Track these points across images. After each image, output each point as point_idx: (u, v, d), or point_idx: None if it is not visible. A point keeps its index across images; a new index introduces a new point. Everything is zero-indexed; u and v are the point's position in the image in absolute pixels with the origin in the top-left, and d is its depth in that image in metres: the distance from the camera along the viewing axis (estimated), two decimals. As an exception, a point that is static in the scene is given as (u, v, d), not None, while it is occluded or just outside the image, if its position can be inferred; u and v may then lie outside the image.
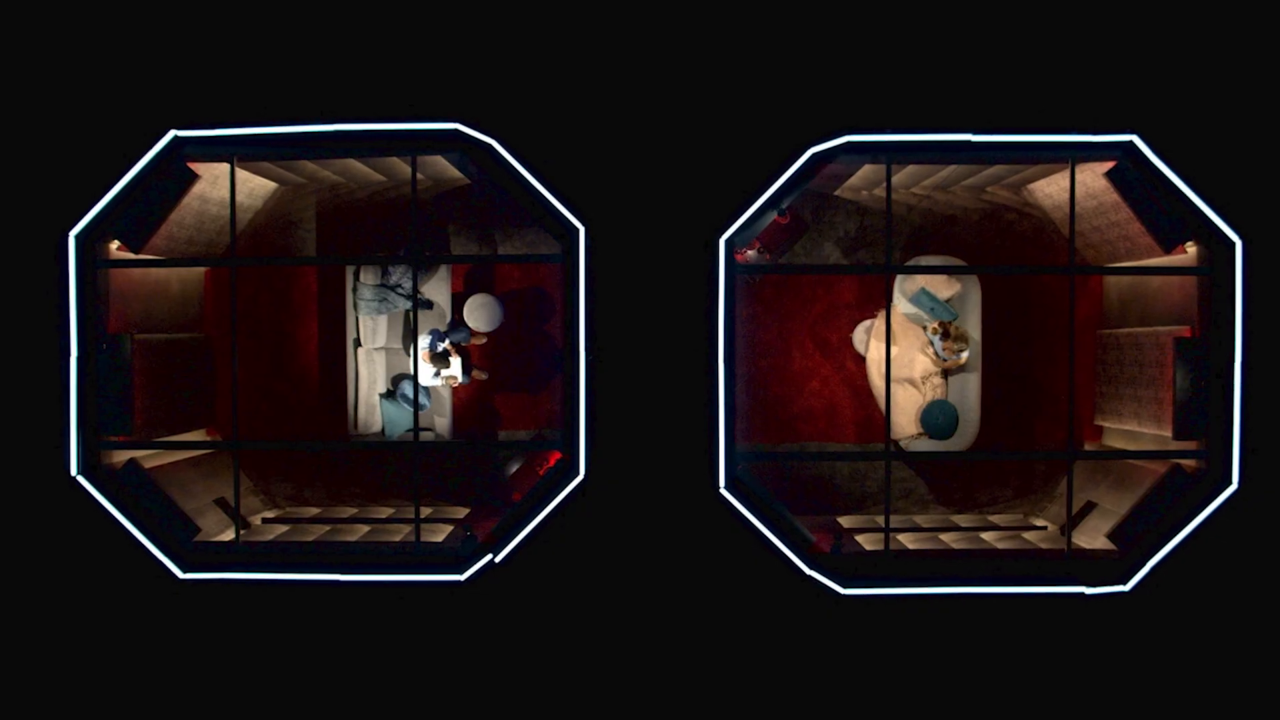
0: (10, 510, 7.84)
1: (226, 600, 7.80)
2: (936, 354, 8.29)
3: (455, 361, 8.55)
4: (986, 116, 7.53)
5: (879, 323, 8.52)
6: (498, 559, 7.20)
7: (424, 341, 8.42)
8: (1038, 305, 8.73)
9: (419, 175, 7.77)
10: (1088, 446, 8.41)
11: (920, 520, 8.56)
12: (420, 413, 8.18)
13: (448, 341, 8.54)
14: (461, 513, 8.48)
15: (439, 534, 7.77)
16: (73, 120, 7.80)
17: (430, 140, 7.14)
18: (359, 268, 8.60)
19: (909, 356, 8.43)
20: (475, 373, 8.89)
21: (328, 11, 7.92)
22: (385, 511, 8.59)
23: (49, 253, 7.07)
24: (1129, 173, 7.04)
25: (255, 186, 8.26)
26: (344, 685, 7.94)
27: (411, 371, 8.21)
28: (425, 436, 8.75)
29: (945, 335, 8.17)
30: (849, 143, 6.97)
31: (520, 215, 8.75)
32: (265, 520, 8.32)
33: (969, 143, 6.98)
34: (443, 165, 7.86)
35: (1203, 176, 6.92)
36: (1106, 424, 8.21)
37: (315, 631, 7.93)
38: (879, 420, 8.75)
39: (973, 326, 8.55)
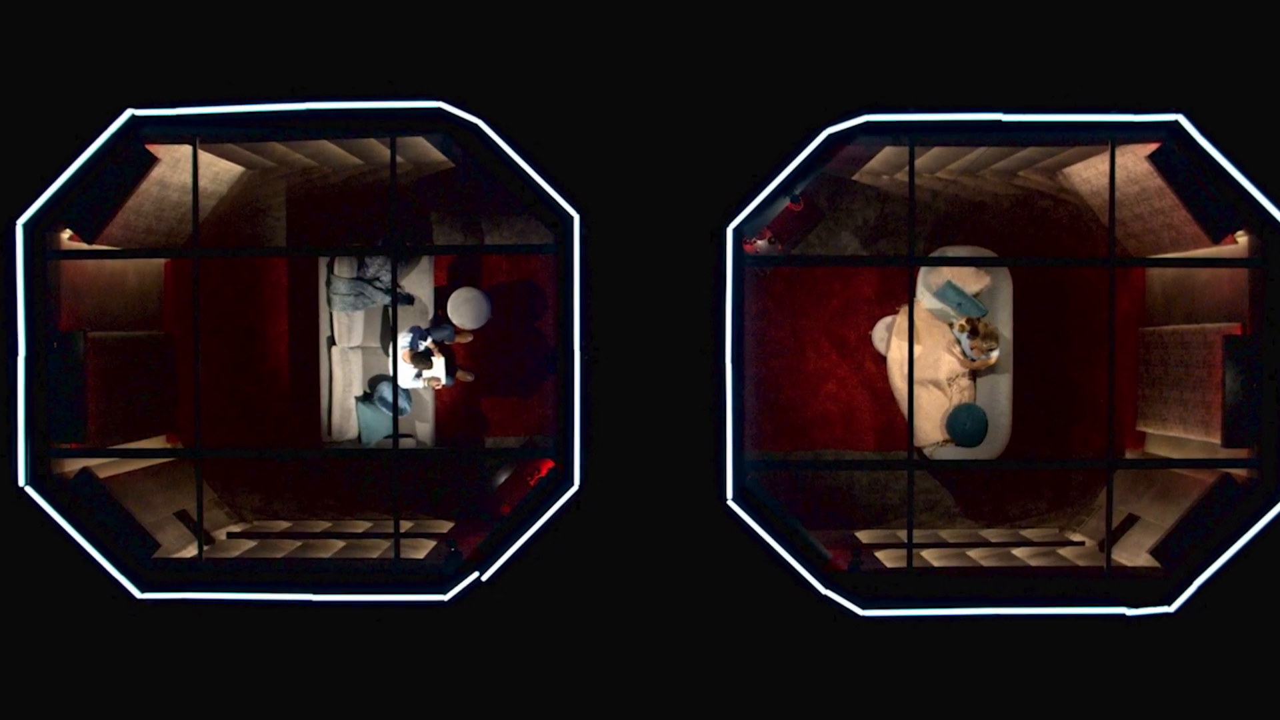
0: (-48, 524, 7.84)
1: (188, 622, 7.81)
2: (964, 353, 8.29)
3: (438, 362, 8.55)
4: (1018, 94, 7.53)
5: (901, 319, 8.52)
6: (485, 577, 7.20)
7: (404, 340, 8.42)
8: (1074, 300, 8.74)
9: (399, 158, 7.77)
10: (1129, 455, 8.41)
11: (946, 535, 8.56)
12: (400, 418, 8.18)
13: (430, 340, 8.54)
14: (445, 527, 8.48)
15: (420, 550, 7.77)
16: (20, 98, 7.79)
17: (411, 120, 7.14)
18: (333, 259, 8.60)
19: (934, 356, 8.43)
20: (460, 374, 8.89)
21: (299, -21, 7.94)
22: (362, 526, 8.60)
23: (-6, 243, 7.08)
24: (1174, 156, 7.04)
25: (220, 171, 8.26)
26: (317, 715, 7.94)
27: (390, 373, 8.22)
28: (405, 443, 8.75)
29: (973, 333, 8.17)
30: (868, 123, 6.97)
31: (509, 202, 8.75)
32: (231, 535, 8.32)
33: (999, 123, 6.98)
34: (425, 147, 7.86)
35: (1254, 160, 6.92)
36: (1149, 430, 8.22)
37: (286, 657, 7.93)
38: (901, 426, 8.75)
39: (1003, 323, 8.55)
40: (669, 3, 7.98)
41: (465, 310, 8.63)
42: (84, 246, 7.37)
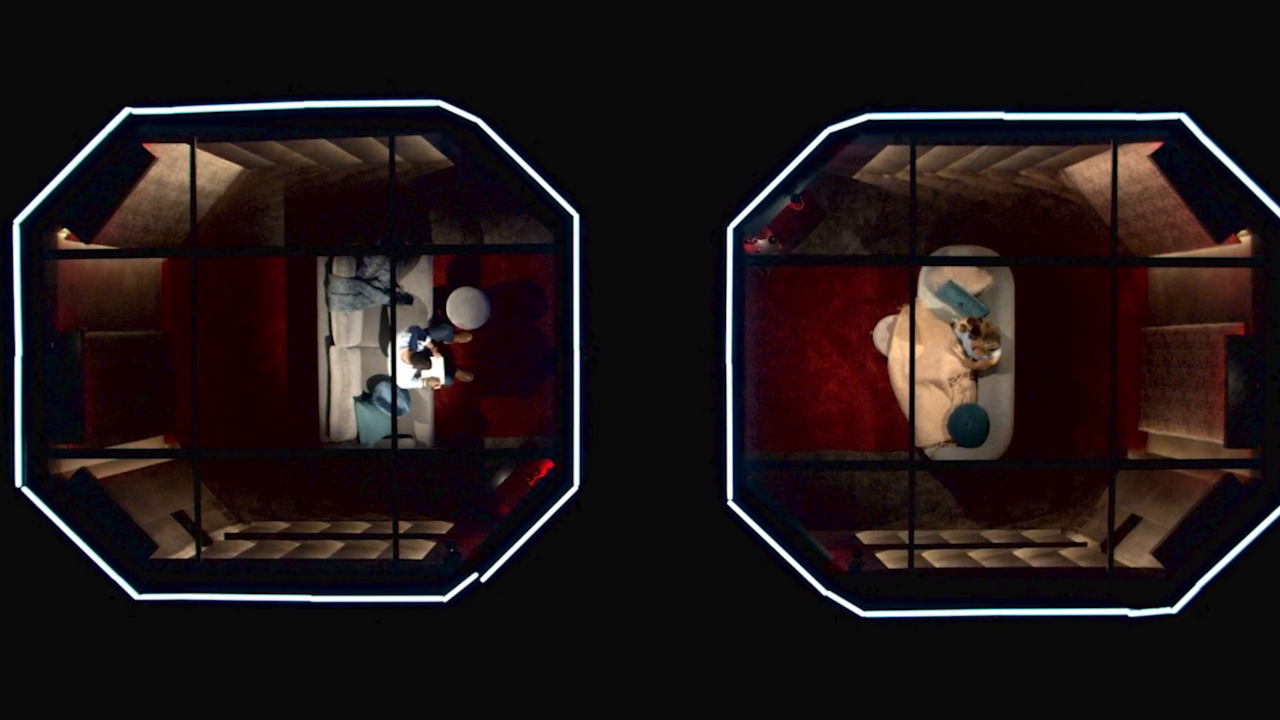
0: (-51, 525, 7.84)
1: (186, 624, 7.80)
2: (965, 353, 8.30)
3: (437, 362, 8.55)
4: (1020, 93, 7.53)
5: (902, 319, 8.52)
6: (484, 578, 7.20)
7: (403, 340, 8.42)
8: (1076, 300, 8.74)
9: (398, 157, 7.77)
10: (1131, 455, 8.41)
11: (948, 536, 8.56)
12: (399, 418, 8.18)
13: (429, 340, 8.54)
14: (444, 527, 8.48)
15: (419, 551, 7.77)
16: (17, 97, 7.79)
17: (410, 119, 7.14)
18: (331, 259, 8.61)
19: (935, 356, 8.43)
20: (459, 374, 8.89)
21: (297, -23, 7.94)
22: (361, 526, 8.60)
23: (-9, 242, 7.08)
24: (1177, 154, 7.04)
25: (218, 170, 8.26)
26: (316, 717, 7.93)
27: (389, 373, 8.22)
28: (404, 444, 8.75)
29: (975, 333, 8.17)
30: (869, 121, 6.98)
31: (509, 201, 8.75)
32: (229, 536, 8.32)
33: (1001, 122, 6.99)
34: (424, 146, 7.86)
35: (1257, 159, 6.92)
36: (1152, 430, 8.22)
37: (284, 658, 7.92)
38: (902, 426, 8.75)
39: (1005, 323, 8.56)
40: (669, 2, 7.98)
41: (464, 310, 8.64)
42: (81, 246, 7.37)
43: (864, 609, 7.07)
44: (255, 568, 7.40)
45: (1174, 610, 7.01)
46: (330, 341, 8.85)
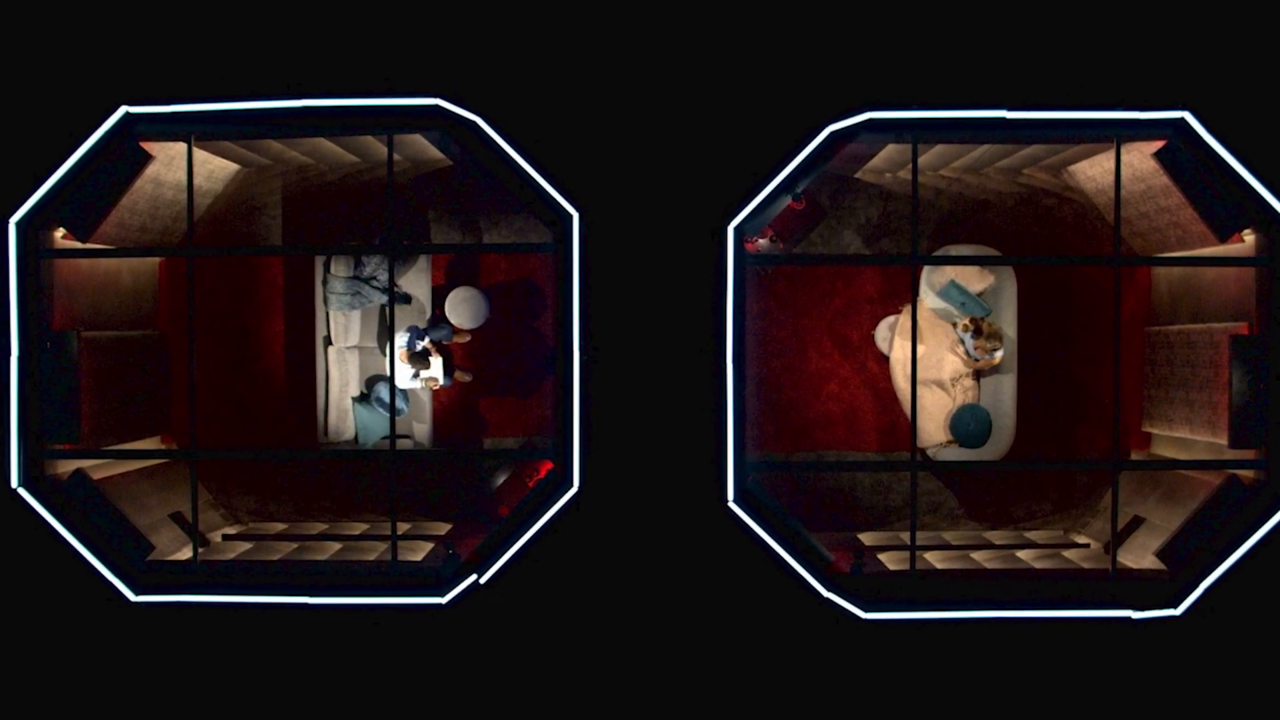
0: (-56, 526, 7.84)
1: (183, 625, 7.80)
2: (967, 353, 8.29)
3: (436, 362, 8.54)
4: (1022, 91, 7.52)
5: (904, 319, 8.52)
6: (483, 580, 7.19)
7: (401, 340, 8.42)
8: (1079, 299, 8.73)
9: (396, 156, 7.77)
10: (1134, 456, 8.40)
11: (949, 537, 8.56)
12: (398, 418, 8.17)
13: (427, 340, 8.53)
14: (443, 529, 8.48)
15: (418, 552, 7.77)
16: (13, 95, 7.79)
17: (408, 117, 7.13)
18: (329, 258, 8.60)
19: (937, 356, 8.43)
20: (458, 374, 8.89)
21: (295, -25, 7.94)
22: (359, 527, 8.59)
23: (-13, 241, 7.07)
24: (1180, 153, 7.04)
25: (215, 168, 8.25)
26: None
27: (387, 373, 8.21)
28: (403, 444, 8.74)
29: (977, 332, 8.17)
30: (870, 120, 6.97)
31: (508, 200, 8.75)
32: (226, 537, 8.31)
33: (1003, 120, 6.98)
34: (422, 145, 7.85)
35: (1262, 157, 6.92)
36: (1155, 431, 8.21)
37: (282, 660, 7.92)
38: (904, 426, 8.75)
39: (1007, 323, 8.55)
40: (669, 1, 7.99)
41: (463, 309, 8.63)
42: (78, 245, 7.37)
43: (865, 610, 7.07)
44: (253, 569, 7.40)
45: (1178, 612, 7.00)
46: (328, 341, 8.85)
